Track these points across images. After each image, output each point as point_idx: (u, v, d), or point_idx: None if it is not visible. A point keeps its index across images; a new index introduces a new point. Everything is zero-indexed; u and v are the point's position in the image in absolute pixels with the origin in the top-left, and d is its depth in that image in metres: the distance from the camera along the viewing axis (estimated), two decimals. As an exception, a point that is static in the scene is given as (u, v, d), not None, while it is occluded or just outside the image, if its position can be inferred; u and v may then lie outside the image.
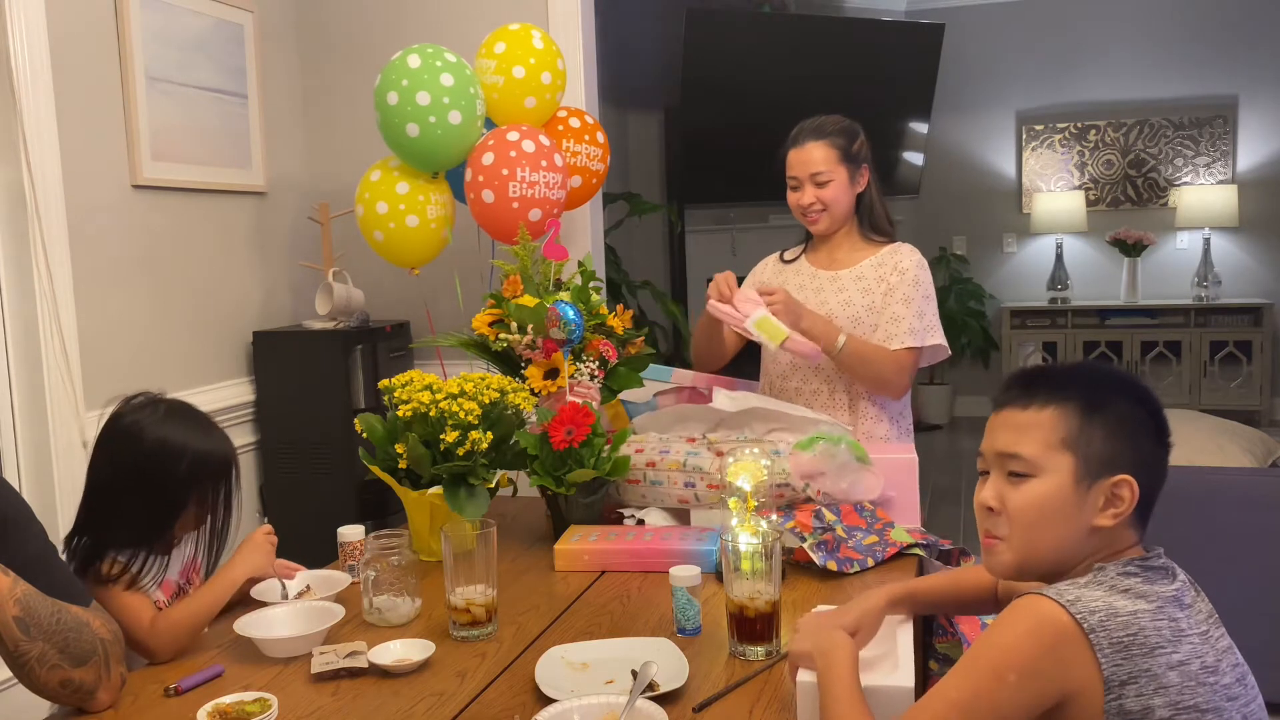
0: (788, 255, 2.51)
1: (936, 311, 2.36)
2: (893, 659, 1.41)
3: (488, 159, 2.74)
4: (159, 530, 1.68)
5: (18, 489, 1.95)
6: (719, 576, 1.71)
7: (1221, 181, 6.65)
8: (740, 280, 2.34)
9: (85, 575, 1.63)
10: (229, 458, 1.74)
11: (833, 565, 1.83)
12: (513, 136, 2.75)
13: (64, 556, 1.63)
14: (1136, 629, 1.09)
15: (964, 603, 1.54)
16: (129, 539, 1.66)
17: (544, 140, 2.78)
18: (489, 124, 2.90)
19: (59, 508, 2.52)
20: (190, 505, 1.70)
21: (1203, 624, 1.16)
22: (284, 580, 1.82)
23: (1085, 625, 1.08)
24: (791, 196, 2.38)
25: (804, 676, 1.32)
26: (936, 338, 2.34)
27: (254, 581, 1.82)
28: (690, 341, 5.15)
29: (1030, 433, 1.20)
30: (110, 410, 1.73)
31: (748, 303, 2.21)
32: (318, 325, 3.22)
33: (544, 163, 2.74)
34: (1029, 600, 1.12)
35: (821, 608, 1.54)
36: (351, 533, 1.98)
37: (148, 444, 1.66)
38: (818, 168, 2.32)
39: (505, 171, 2.71)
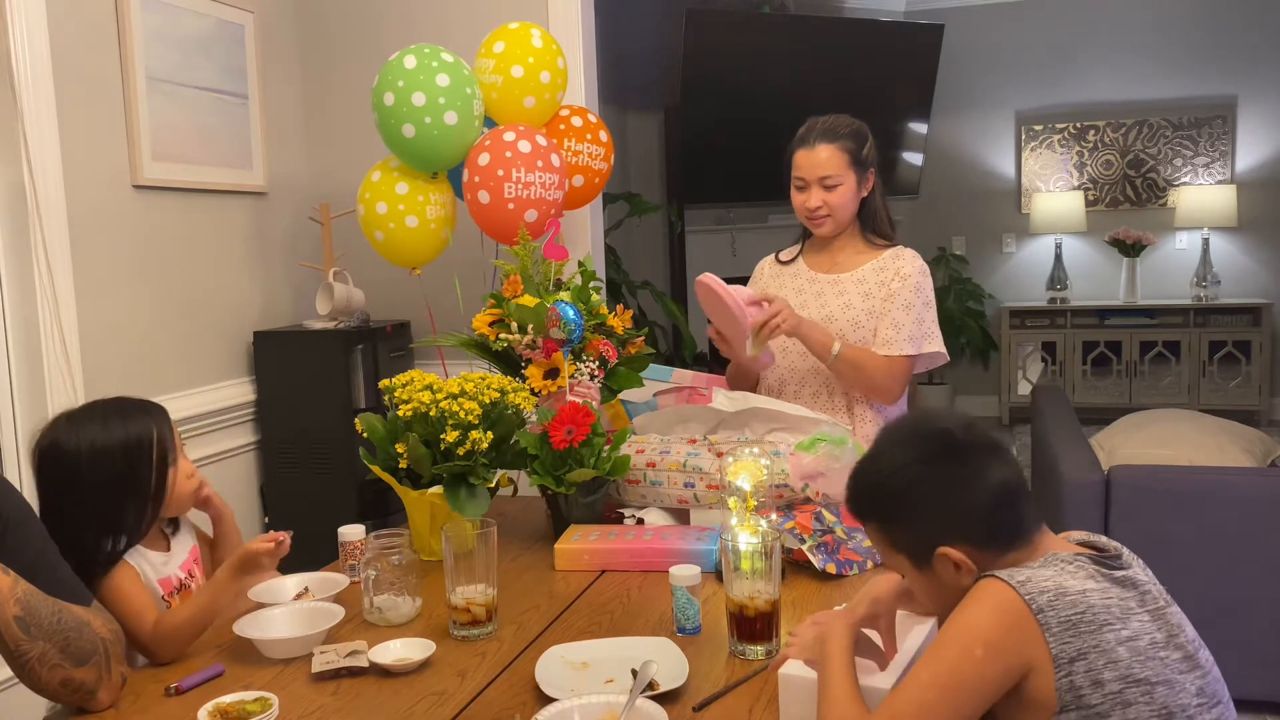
0: (784, 256, 2.49)
1: (936, 318, 2.35)
2: (895, 662, 1.40)
3: (484, 159, 2.73)
4: (120, 520, 1.68)
5: (18, 488, 1.95)
6: (719, 576, 1.71)
7: (1220, 181, 6.65)
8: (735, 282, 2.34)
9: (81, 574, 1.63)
10: (153, 431, 1.71)
11: (831, 568, 1.83)
12: (509, 137, 2.74)
13: None
14: (1085, 606, 1.15)
15: None
16: (97, 533, 1.66)
17: (541, 140, 2.77)
18: (491, 124, 2.89)
19: (59, 507, 2.52)
20: (138, 490, 1.69)
21: (1155, 601, 1.21)
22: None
23: (1034, 606, 1.14)
24: (797, 197, 2.34)
25: (786, 669, 1.33)
26: (934, 345, 2.33)
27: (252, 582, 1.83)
28: (689, 342, 5.08)
29: (876, 546, 1.35)
30: (34, 450, 1.72)
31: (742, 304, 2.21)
32: (318, 325, 3.22)
33: (540, 163, 2.73)
34: (986, 582, 1.20)
35: (839, 609, 1.54)
36: (352, 532, 1.98)
37: (73, 456, 1.66)
38: (827, 171, 2.28)
39: (501, 172, 2.70)
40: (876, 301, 2.31)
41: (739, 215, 6.65)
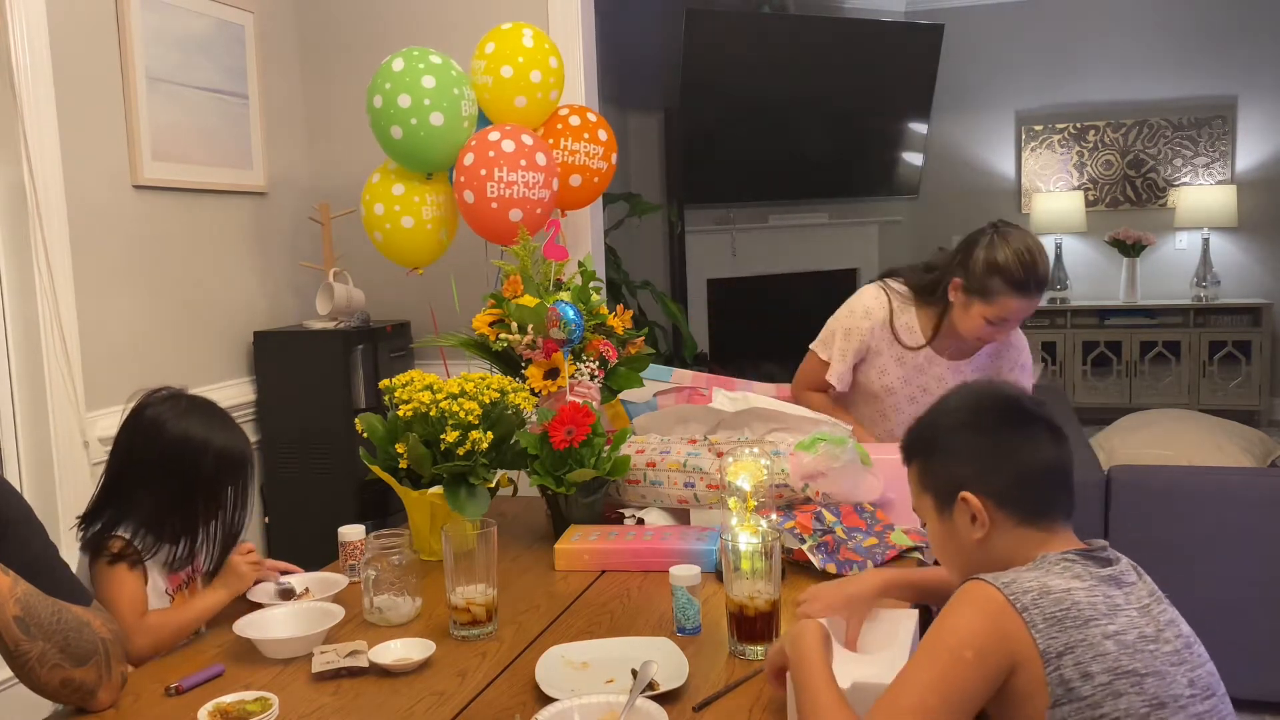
0: (906, 339, 2.49)
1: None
2: (887, 657, 1.40)
3: (468, 160, 2.74)
4: (173, 520, 1.70)
5: (18, 489, 1.96)
6: (719, 576, 1.71)
7: (1220, 182, 6.65)
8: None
9: (95, 554, 1.66)
10: (247, 455, 1.76)
11: (832, 568, 1.83)
12: (494, 136, 2.74)
13: (76, 535, 1.66)
14: (1070, 603, 1.17)
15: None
16: (141, 522, 1.68)
17: (526, 139, 2.75)
18: (487, 125, 2.89)
19: (59, 508, 2.52)
20: (206, 499, 1.71)
21: (1143, 599, 1.23)
22: (279, 577, 1.84)
23: (1018, 604, 1.16)
24: (985, 329, 2.36)
25: None
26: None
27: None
28: (689, 342, 5.07)
29: (910, 487, 1.41)
30: (133, 403, 1.75)
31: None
32: (318, 325, 3.22)
33: (523, 162, 2.71)
34: (970, 585, 1.22)
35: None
36: (352, 532, 1.98)
37: (169, 437, 1.69)
38: (1028, 315, 2.38)
39: (483, 172, 2.70)
40: (990, 374, 2.50)
41: (739, 215, 6.64)
